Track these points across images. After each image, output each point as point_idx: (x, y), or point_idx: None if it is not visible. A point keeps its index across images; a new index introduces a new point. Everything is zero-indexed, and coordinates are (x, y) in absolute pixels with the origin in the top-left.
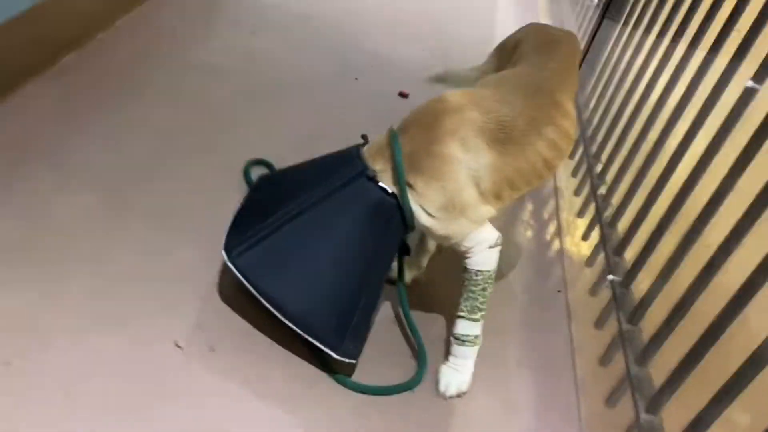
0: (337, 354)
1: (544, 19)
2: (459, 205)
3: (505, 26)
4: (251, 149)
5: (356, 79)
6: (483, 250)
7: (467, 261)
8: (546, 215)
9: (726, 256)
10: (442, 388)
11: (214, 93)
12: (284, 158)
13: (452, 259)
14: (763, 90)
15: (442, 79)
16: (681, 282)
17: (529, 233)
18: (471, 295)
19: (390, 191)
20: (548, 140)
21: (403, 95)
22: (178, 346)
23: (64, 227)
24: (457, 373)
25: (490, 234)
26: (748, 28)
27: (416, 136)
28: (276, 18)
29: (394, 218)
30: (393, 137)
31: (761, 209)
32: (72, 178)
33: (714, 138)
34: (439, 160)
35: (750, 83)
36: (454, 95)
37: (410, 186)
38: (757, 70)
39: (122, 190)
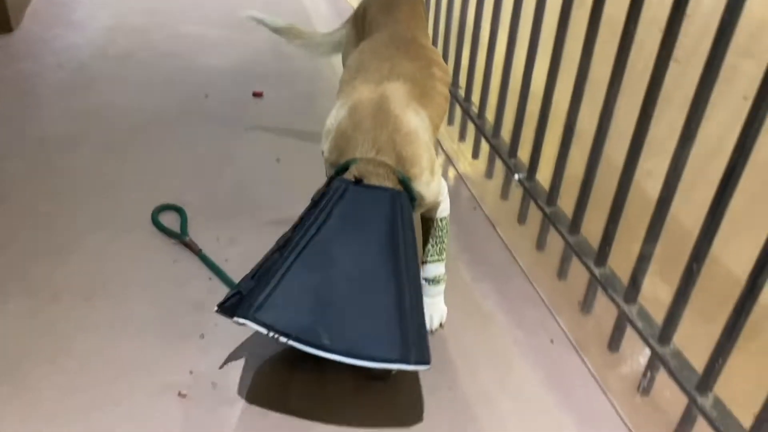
0: (411, 364)
1: None
2: (434, 164)
3: (316, 5)
4: (148, 199)
5: (206, 96)
6: (446, 198)
7: (436, 212)
8: None
9: (609, 119)
10: (427, 324)
11: (75, 160)
12: (182, 195)
13: None
14: None
15: (278, 31)
16: (580, 155)
17: None
18: (438, 240)
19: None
20: (438, 78)
21: (257, 95)
22: (182, 395)
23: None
24: (435, 307)
25: (443, 182)
26: None
27: (386, 141)
28: (99, 67)
29: (407, 208)
30: (377, 163)
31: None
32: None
33: (557, 30)
34: (413, 139)
35: None
36: (369, 85)
37: (412, 178)
38: None
39: (46, 288)
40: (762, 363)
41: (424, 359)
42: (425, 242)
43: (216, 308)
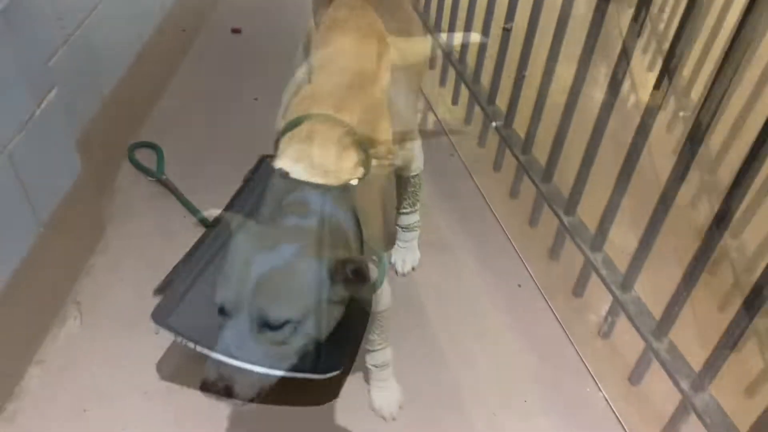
0: (317, 374)
1: None
2: (407, 134)
3: None
4: (123, 136)
5: (183, 30)
6: (418, 157)
7: (408, 171)
8: None
9: (585, 70)
10: (399, 267)
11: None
12: (158, 133)
13: None
14: None
15: None
16: (554, 108)
17: None
18: (411, 194)
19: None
20: (419, 41)
21: (235, 31)
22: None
23: None
24: (408, 250)
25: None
26: None
27: (354, 101)
28: None
29: None
30: (334, 123)
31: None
32: None
33: None
34: (382, 108)
35: None
36: (349, 41)
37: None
38: None
39: None
40: (717, 311)
41: (335, 366)
42: (399, 195)
43: (153, 293)
